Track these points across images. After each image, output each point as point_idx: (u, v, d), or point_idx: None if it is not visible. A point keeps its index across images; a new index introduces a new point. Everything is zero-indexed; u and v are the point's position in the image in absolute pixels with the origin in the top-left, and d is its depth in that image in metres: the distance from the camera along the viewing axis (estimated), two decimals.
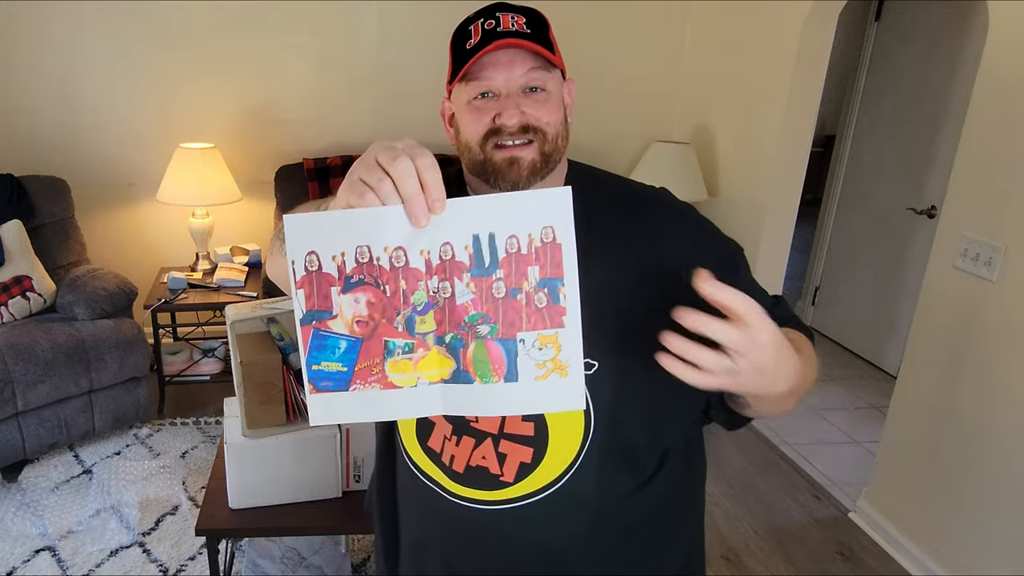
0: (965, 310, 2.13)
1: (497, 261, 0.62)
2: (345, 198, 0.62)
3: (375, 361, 0.64)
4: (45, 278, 2.78)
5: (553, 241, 0.62)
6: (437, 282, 0.63)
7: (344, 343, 0.63)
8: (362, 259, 0.61)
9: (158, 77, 3.23)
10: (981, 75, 2.09)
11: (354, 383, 0.64)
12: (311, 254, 0.61)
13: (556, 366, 0.64)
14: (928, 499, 2.27)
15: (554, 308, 0.63)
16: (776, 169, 3.06)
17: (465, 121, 0.89)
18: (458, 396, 0.65)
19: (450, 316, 0.64)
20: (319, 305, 0.62)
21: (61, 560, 2.19)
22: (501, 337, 0.64)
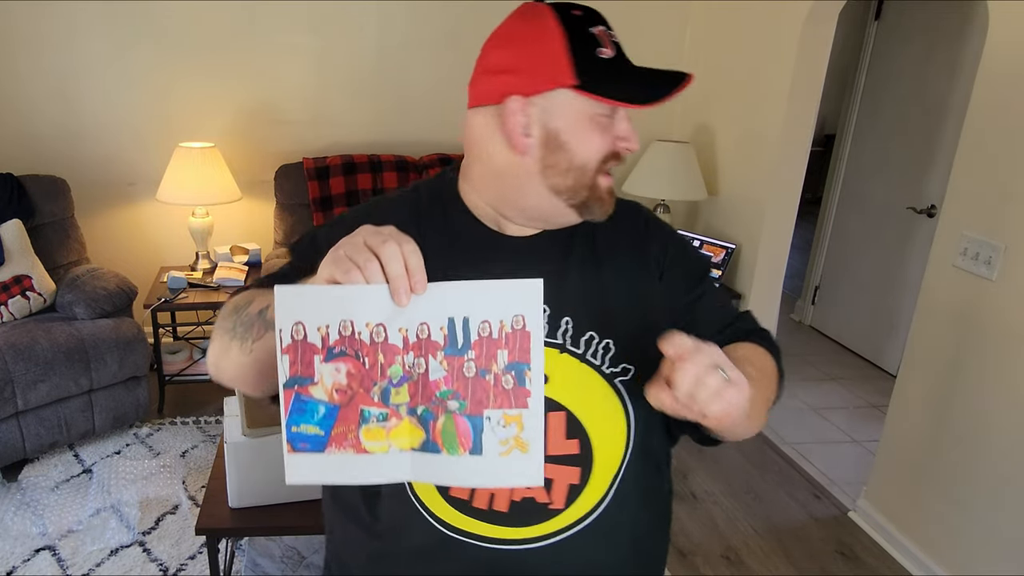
0: (965, 310, 2.13)
1: (469, 343, 0.67)
2: (329, 272, 0.65)
3: (350, 427, 0.67)
4: (45, 277, 2.78)
5: (523, 328, 0.67)
6: (413, 358, 0.67)
7: (323, 408, 0.67)
8: (344, 332, 0.65)
9: (158, 77, 3.23)
10: (981, 74, 2.09)
11: (329, 446, 0.67)
12: (298, 324, 0.64)
13: (518, 443, 0.69)
14: (928, 499, 2.27)
15: (520, 390, 0.68)
16: (776, 169, 3.06)
17: (585, 137, 0.82)
18: (426, 464, 0.69)
19: (423, 390, 0.68)
20: (302, 372, 0.66)
21: (61, 559, 2.19)
22: (469, 413, 0.68)
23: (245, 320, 0.76)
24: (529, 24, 0.82)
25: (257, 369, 0.76)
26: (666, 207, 3.56)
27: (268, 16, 3.25)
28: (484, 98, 0.84)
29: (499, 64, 0.83)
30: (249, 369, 0.77)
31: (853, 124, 4.07)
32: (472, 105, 0.87)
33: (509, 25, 0.84)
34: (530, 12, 0.83)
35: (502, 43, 0.83)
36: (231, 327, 0.78)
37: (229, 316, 0.79)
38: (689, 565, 2.30)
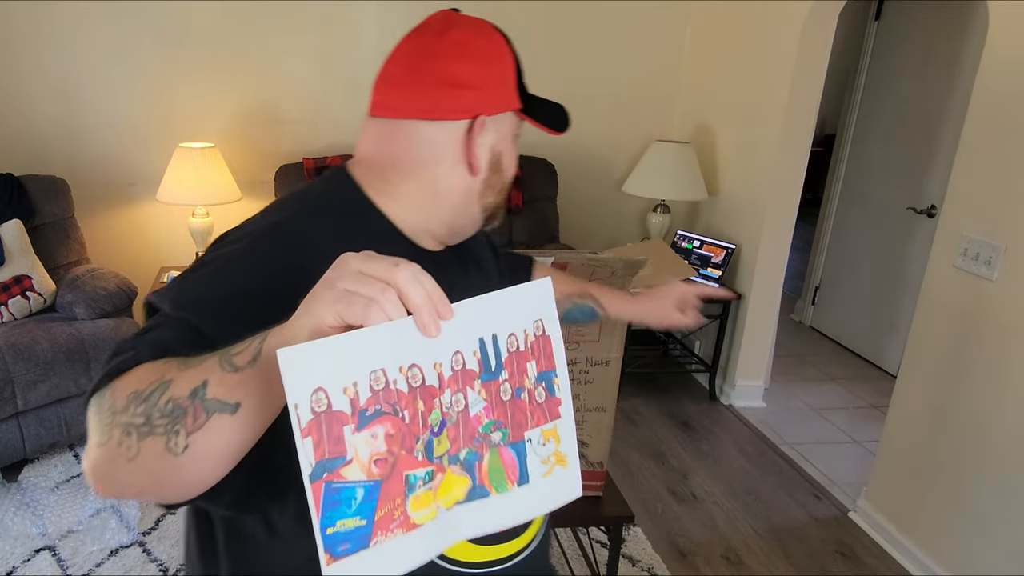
0: (965, 310, 2.13)
1: (501, 363, 0.60)
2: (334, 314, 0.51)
3: (396, 503, 0.54)
4: (45, 278, 2.78)
5: (543, 334, 0.62)
6: (450, 396, 0.57)
7: (361, 491, 0.52)
8: (377, 386, 0.52)
9: (158, 77, 3.23)
10: (981, 75, 2.09)
11: (375, 536, 0.53)
12: (318, 391, 0.49)
13: (558, 459, 0.64)
14: (928, 499, 2.27)
15: (552, 400, 0.63)
16: (776, 169, 3.06)
17: (512, 157, 0.85)
18: (474, 515, 0.60)
19: (464, 430, 0.59)
20: (330, 452, 0.50)
21: (61, 560, 2.19)
22: (512, 441, 0.61)
23: (166, 408, 0.55)
24: (487, 41, 0.80)
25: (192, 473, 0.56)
26: (666, 207, 3.56)
27: (268, 16, 3.26)
28: (441, 112, 0.78)
29: (463, 78, 0.78)
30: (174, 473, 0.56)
31: (853, 124, 4.07)
32: (413, 116, 0.79)
33: (467, 38, 0.79)
34: (481, 28, 0.81)
35: (466, 57, 0.78)
36: (139, 422, 0.56)
37: (129, 407, 0.57)
38: (689, 565, 2.30)
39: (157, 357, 0.61)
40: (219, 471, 0.57)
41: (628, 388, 3.45)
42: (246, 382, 0.54)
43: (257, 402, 0.54)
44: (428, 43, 0.80)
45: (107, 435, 0.57)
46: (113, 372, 0.61)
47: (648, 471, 2.82)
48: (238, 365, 0.54)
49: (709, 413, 3.31)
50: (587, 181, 3.76)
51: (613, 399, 1.69)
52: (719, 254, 3.33)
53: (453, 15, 0.82)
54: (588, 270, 1.44)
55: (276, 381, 0.50)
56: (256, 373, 0.54)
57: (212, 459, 0.56)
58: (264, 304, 0.66)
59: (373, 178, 0.82)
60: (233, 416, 0.54)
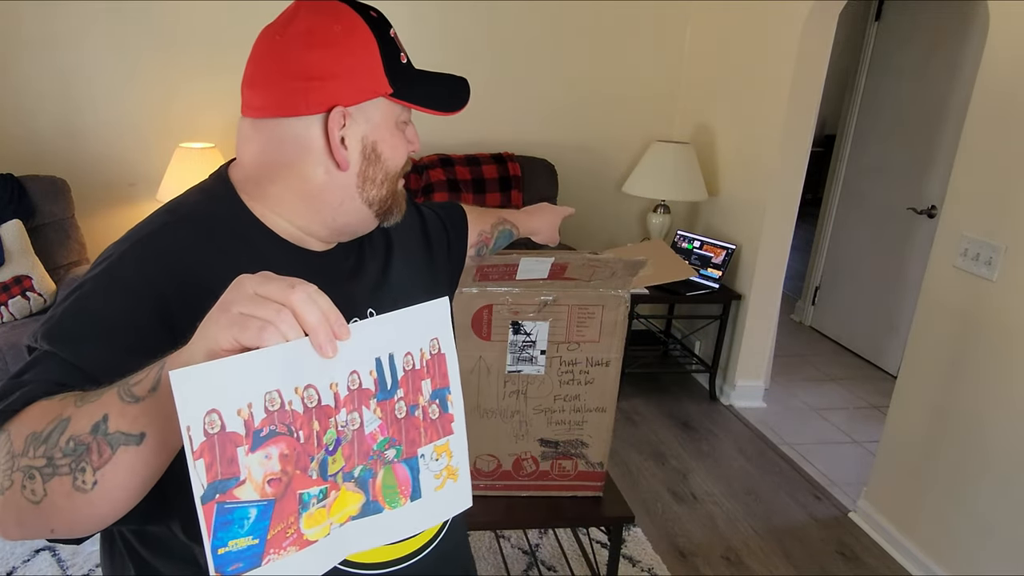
0: (965, 310, 2.13)
1: (397, 381, 0.61)
2: (230, 336, 0.50)
3: (290, 521, 0.54)
4: (45, 278, 2.78)
5: (439, 352, 0.63)
6: (345, 415, 0.58)
7: (254, 510, 0.52)
8: (272, 407, 0.52)
9: (158, 77, 3.23)
10: (981, 75, 2.09)
11: (267, 555, 0.53)
12: (211, 413, 0.49)
13: (449, 472, 0.65)
14: (928, 499, 2.27)
15: (445, 417, 0.64)
16: (776, 169, 3.06)
17: (394, 144, 0.79)
18: (366, 530, 0.61)
19: (359, 448, 0.60)
20: (223, 473, 0.50)
21: (61, 560, 2.18)
22: (405, 457, 0.63)
23: (68, 448, 0.53)
24: (341, 25, 0.74)
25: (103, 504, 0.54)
26: (666, 207, 3.56)
27: (269, 16, 3.23)
28: (296, 108, 0.73)
29: (314, 70, 0.72)
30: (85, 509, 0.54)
31: (853, 124, 4.07)
32: (271, 115, 0.74)
33: (315, 24, 0.73)
34: (332, 11, 0.74)
35: (315, 45, 0.73)
36: (40, 464, 0.54)
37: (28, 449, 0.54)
38: (689, 566, 2.30)
39: (47, 394, 0.59)
40: (133, 500, 0.56)
41: (628, 388, 3.45)
42: (148, 411, 0.52)
43: (161, 430, 0.52)
44: (275, 34, 0.75)
45: (8, 480, 0.55)
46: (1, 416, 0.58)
47: (648, 471, 2.82)
48: (138, 395, 0.53)
49: (709, 413, 3.31)
50: (587, 181, 3.76)
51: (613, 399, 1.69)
52: (719, 254, 3.33)
53: (305, 3, 0.76)
54: (588, 270, 1.44)
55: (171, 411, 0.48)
56: (157, 401, 0.52)
57: (123, 491, 0.54)
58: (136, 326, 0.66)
59: (246, 182, 0.78)
60: (139, 447, 0.53)
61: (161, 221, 0.76)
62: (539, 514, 1.76)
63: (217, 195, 0.78)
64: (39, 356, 0.67)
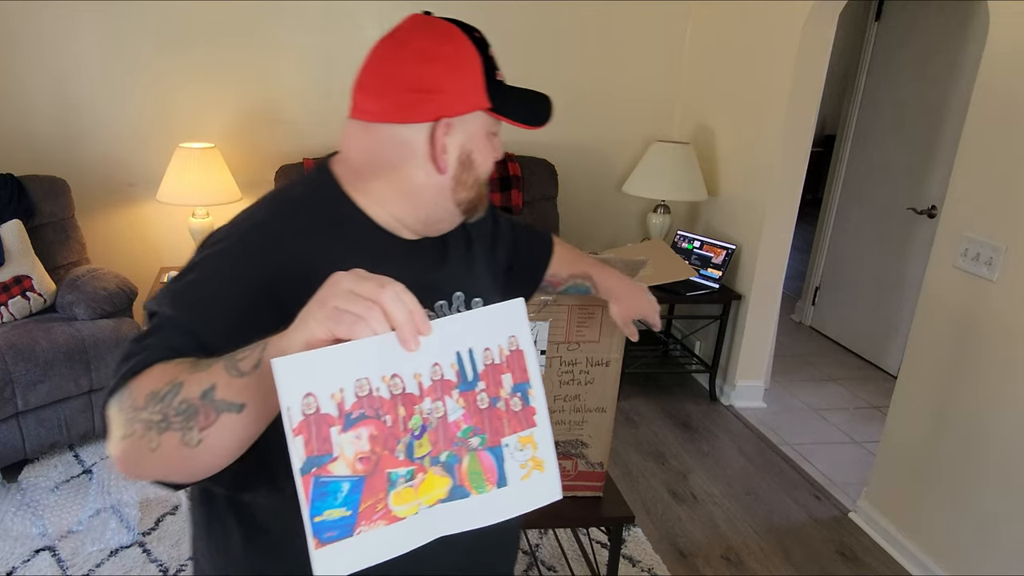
0: (965, 310, 2.13)
1: (478, 374, 0.66)
2: (326, 329, 0.58)
3: (379, 496, 0.61)
4: (45, 278, 2.78)
5: (517, 349, 0.68)
6: (430, 403, 0.64)
7: (347, 484, 0.60)
8: (362, 392, 0.60)
9: (158, 77, 3.23)
10: (981, 75, 2.09)
11: (359, 526, 0.60)
12: (308, 396, 0.57)
13: (535, 463, 0.70)
14: (928, 499, 2.27)
15: (527, 410, 0.69)
16: (776, 169, 3.06)
17: (486, 154, 0.89)
18: (455, 513, 0.66)
19: (444, 434, 0.65)
20: (318, 449, 0.58)
21: (61, 560, 2.18)
22: (489, 446, 0.68)
23: (180, 408, 0.63)
24: (452, 46, 0.83)
25: (206, 460, 0.65)
26: (666, 208, 3.56)
27: (268, 16, 3.26)
28: (407, 116, 0.83)
29: (427, 84, 0.82)
30: (191, 462, 0.65)
31: (853, 125, 4.07)
32: (383, 120, 0.84)
33: (427, 43, 0.83)
34: (445, 32, 0.84)
35: (425, 61, 0.82)
36: (157, 419, 0.64)
37: (147, 406, 0.65)
38: (689, 566, 2.30)
39: (164, 359, 0.68)
40: (231, 458, 0.65)
41: (628, 388, 3.45)
42: (250, 386, 0.61)
43: (260, 403, 0.61)
44: (394, 50, 0.83)
45: (130, 429, 0.65)
46: (128, 375, 0.68)
47: (648, 471, 2.82)
48: (242, 371, 0.62)
49: (709, 413, 3.31)
50: (587, 181, 3.76)
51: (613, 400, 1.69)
52: (719, 254, 3.33)
53: (421, 20, 0.85)
54: None
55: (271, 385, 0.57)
56: (258, 378, 0.61)
57: (223, 450, 0.64)
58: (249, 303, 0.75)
59: (351, 175, 0.88)
60: (239, 415, 0.62)
61: (273, 209, 0.87)
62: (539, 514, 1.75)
63: (322, 186, 0.88)
64: (162, 322, 0.75)
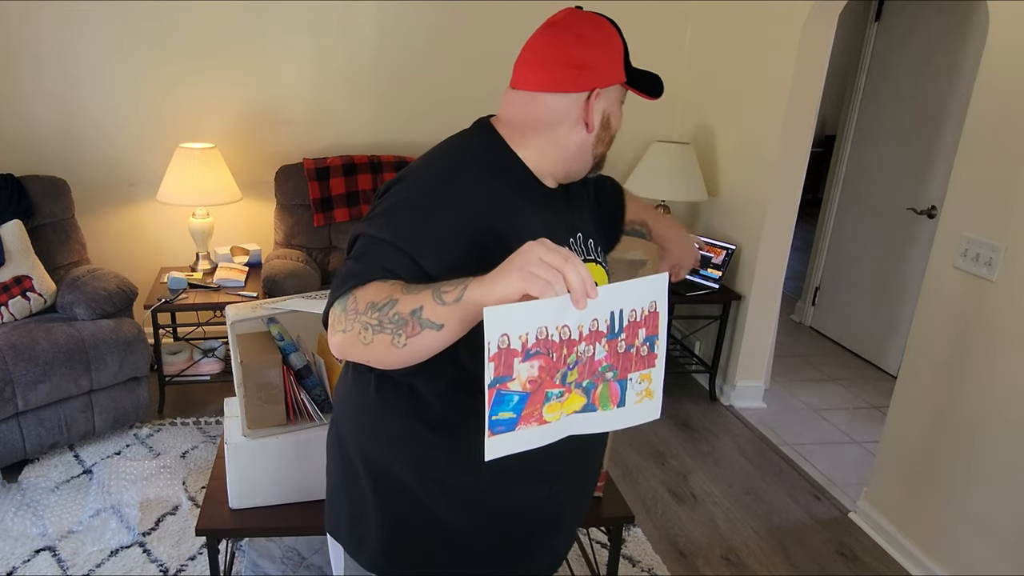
0: (965, 310, 2.13)
1: (622, 328, 0.87)
2: (520, 287, 0.78)
3: (536, 407, 0.84)
4: (45, 278, 2.78)
5: (654, 311, 0.88)
6: (584, 346, 0.84)
7: (517, 397, 0.82)
8: (540, 336, 0.80)
9: (158, 77, 3.23)
10: (981, 75, 2.09)
11: (520, 425, 0.83)
12: (504, 335, 0.78)
13: (647, 393, 0.92)
14: (928, 499, 2.27)
15: (651, 355, 0.91)
16: (776, 169, 3.06)
17: (618, 117, 1.12)
18: (584, 420, 0.89)
19: (589, 368, 0.86)
20: (503, 372, 0.79)
21: (61, 560, 2.19)
22: (619, 379, 0.89)
23: (395, 319, 0.85)
24: (604, 33, 1.06)
25: (405, 357, 0.87)
26: (666, 207, 3.56)
27: (268, 16, 3.26)
28: (565, 86, 1.04)
29: (582, 61, 1.03)
30: (393, 357, 0.88)
31: (853, 125, 4.07)
32: (545, 90, 1.05)
33: (585, 29, 1.05)
34: (597, 21, 1.06)
35: (582, 44, 1.03)
36: (375, 323, 0.86)
37: (367, 311, 0.87)
38: (689, 566, 2.30)
39: (382, 278, 0.91)
40: (424, 358, 0.88)
41: None
42: (449, 313, 0.82)
43: (455, 326, 0.83)
44: (558, 35, 1.05)
45: (350, 327, 0.89)
46: (353, 285, 0.92)
47: (648, 472, 2.82)
48: (446, 301, 0.83)
49: (709, 414, 3.31)
50: None
51: None
52: (719, 254, 3.33)
53: (577, 12, 1.07)
54: None
55: (468, 317, 0.82)
56: (457, 309, 0.82)
57: (420, 353, 0.87)
58: (454, 234, 0.98)
59: (513, 133, 1.09)
60: (438, 332, 0.84)
61: (458, 159, 1.07)
62: None
63: (492, 141, 1.10)
64: (371, 243, 0.96)
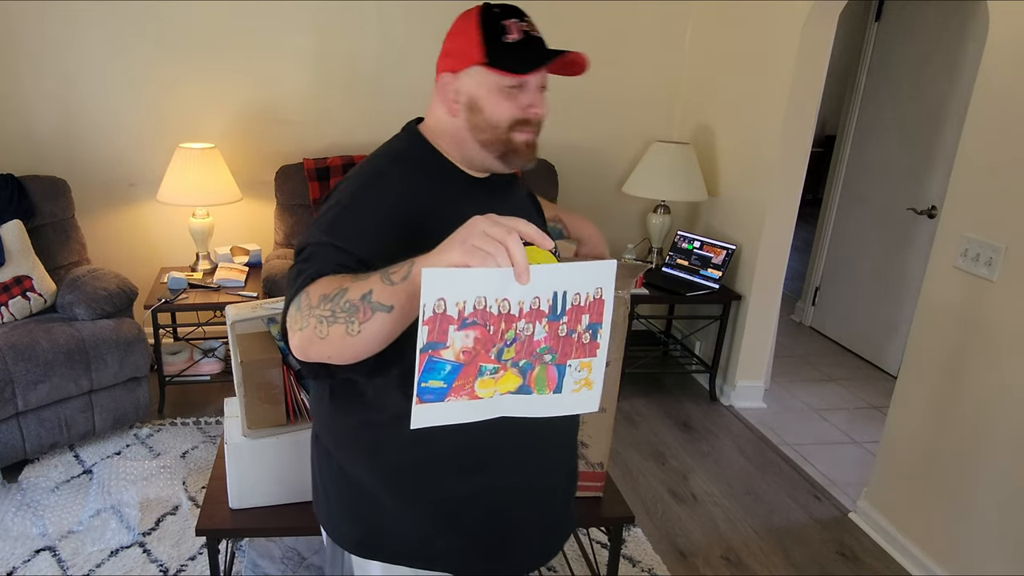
0: (965, 310, 2.13)
1: (565, 311, 0.85)
2: (463, 258, 0.79)
3: (469, 380, 0.83)
4: (45, 278, 2.78)
5: (599, 298, 0.85)
6: (524, 324, 0.83)
7: (448, 367, 0.81)
8: (479, 306, 0.80)
9: (158, 77, 3.23)
10: (981, 75, 2.09)
11: (449, 396, 0.83)
12: (440, 299, 0.77)
13: (586, 383, 0.90)
14: (928, 499, 2.27)
15: (593, 343, 0.88)
16: (776, 169, 3.06)
17: (495, 103, 1.07)
18: (517, 402, 0.88)
19: (527, 347, 0.85)
20: (436, 338, 0.79)
21: (61, 560, 2.19)
22: (557, 363, 0.87)
23: (346, 307, 0.87)
24: (462, 20, 1.08)
25: (361, 346, 0.88)
26: (666, 208, 3.56)
27: (268, 16, 3.26)
28: (437, 73, 1.11)
29: (444, 49, 1.10)
30: (350, 347, 0.89)
31: (853, 125, 4.07)
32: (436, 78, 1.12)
33: (455, 21, 1.10)
34: (466, 12, 1.08)
35: (447, 34, 1.10)
36: (328, 314, 0.88)
37: (319, 305, 0.89)
38: (689, 566, 2.30)
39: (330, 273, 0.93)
40: (380, 346, 0.89)
41: (628, 389, 3.45)
42: (398, 292, 0.84)
43: (404, 306, 0.84)
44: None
45: (306, 323, 0.90)
46: (304, 283, 0.94)
47: (648, 472, 2.82)
48: (394, 281, 0.84)
49: (709, 414, 3.31)
50: (587, 181, 3.76)
51: (613, 400, 1.70)
52: (719, 255, 3.33)
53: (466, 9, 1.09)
54: None
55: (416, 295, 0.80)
56: (405, 287, 0.83)
57: (375, 339, 0.87)
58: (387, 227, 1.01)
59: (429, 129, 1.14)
60: (388, 314, 0.85)
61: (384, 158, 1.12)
62: None
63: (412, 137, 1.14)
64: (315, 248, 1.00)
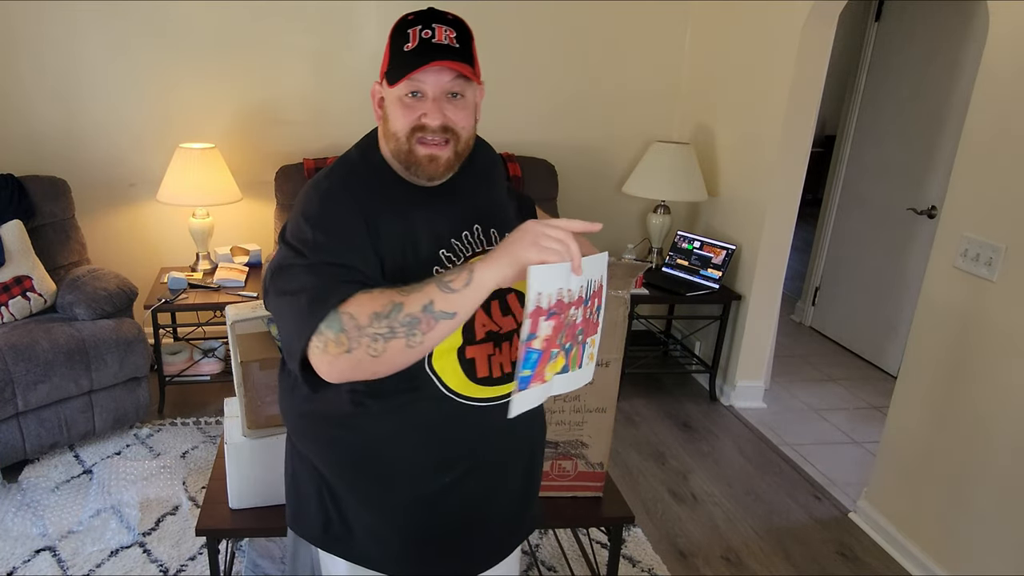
0: (965, 310, 2.13)
1: (590, 296, 0.97)
2: (540, 257, 0.89)
3: (544, 366, 0.94)
4: (45, 278, 2.78)
5: (601, 284, 1.00)
6: (574, 310, 0.94)
7: (535, 356, 0.92)
8: (560, 297, 0.91)
9: (158, 77, 3.23)
10: (981, 75, 2.09)
11: (533, 382, 0.94)
12: (540, 294, 0.88)
13: (590, 356, 1.04)
14: (928, 499, 2.27)
15: (598, 323, 1.03)
16: (776, 169, 3.06)
17: (395, 114, 1.06)
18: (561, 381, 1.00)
19: (570, 331, 0.96)
20: (532, 330, 0.90)
21: (61, 560, 2.19)
22: (583, 341, 1.01)
23: (406, 321, 0.91)
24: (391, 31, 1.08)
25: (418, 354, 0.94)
26: (666, 208, 3.56)
27: (268, 16, 3.25)
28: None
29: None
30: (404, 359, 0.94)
31: (853, 125, 4.07)
32: None
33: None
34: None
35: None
36: (385, 331, 0.92)
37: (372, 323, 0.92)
38: (689, 566, 2.30)
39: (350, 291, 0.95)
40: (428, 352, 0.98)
41: (628, 389, 3.45)
42: (461, 299, 0.91)
43: (467, 310, 0.92)
44: None
45: (356, 343, 0.93)
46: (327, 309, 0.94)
47: (648, 472, 2.82)
48: (454, 288, 0.91)
49: (709, 414, 3.31)
50: (587, 181, 3.76)
51: (613, 400, 1.70)
52: (719, 255, 3.33)
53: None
54: None
55: (479, 299, 0.92)
56: (469, 292, 0.91)
57: (432, 347, 0.95)
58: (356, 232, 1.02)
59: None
60: (451, 320, 0.92)
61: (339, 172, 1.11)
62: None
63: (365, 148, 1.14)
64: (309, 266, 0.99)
